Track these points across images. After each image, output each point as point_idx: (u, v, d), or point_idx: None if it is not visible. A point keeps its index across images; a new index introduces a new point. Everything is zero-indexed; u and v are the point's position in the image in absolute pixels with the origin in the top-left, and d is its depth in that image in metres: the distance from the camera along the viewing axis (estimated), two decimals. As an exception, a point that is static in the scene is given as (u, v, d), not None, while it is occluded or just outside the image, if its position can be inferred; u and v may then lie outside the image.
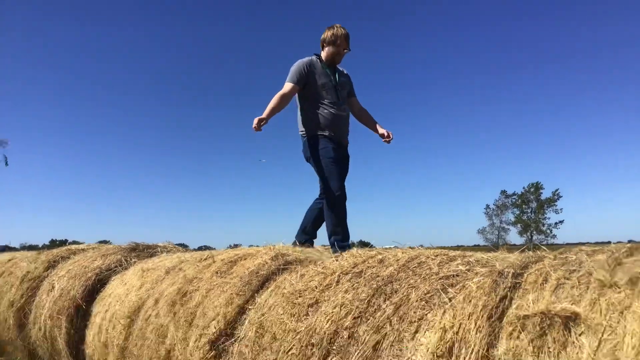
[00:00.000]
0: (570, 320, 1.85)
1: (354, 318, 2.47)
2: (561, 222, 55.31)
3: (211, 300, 3.43)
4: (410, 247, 3.19)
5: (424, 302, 2.31)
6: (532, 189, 56.66)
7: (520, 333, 1.87)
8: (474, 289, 2.19)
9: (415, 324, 2.24)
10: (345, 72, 4.58)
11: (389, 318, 2.33)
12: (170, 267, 4.55)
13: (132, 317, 4.17)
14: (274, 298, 3.05)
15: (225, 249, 4.87)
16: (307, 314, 2.73)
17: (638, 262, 1.99)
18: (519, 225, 56.48)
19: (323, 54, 4.41)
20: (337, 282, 2.81)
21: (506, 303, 2.04)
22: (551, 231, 55.22)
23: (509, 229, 57.56)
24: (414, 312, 2.29)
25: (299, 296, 2.89)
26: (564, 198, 55.91)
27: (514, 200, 57.93)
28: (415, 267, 2.62)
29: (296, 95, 4.39)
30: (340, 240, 4.03)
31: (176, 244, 7.38)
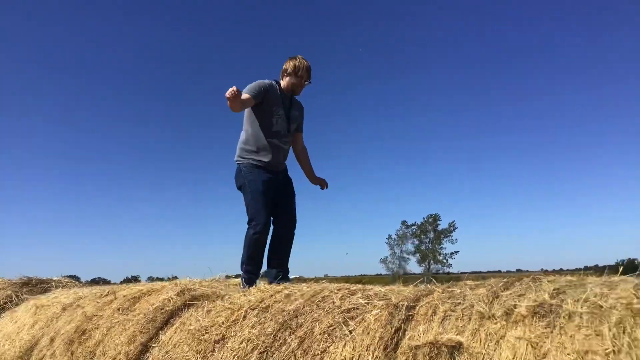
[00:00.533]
0: (455, 349, 2.06)
1: (260, 353, 2.54)
2: (456, 252, 58.52)
3: (112, 338, 3.34)
4: (315, 281, 3.32)
5: (326, 335, 2.44)
6: (430, 220, 59.58)
7: (412, 362, 2.05)
8: (372, 322, 2.36)
9: (318, 356, 2.35)
10: (301, 105, 4.48)
11: (293, 352, 2.44)
12: (67, 304, 4.35)
13: (23, 358, 3.93)
14: (179, 335, 3.04)
15: (121, 281, 4.71)
16: (213, 351, 2.76)
17: (512, 295, 2.26)
18: (417, 255, 59.04)
19: (283, 84, 4.25)
20: (244, 317, 2.87)
21: (400, 334, 2.22)
22: (447, 261, 58.13)
23: (408, 258, 59.92)
24: (318, 345, 2.41)
25: (205, 332, 2.92)
26: (460, 229, 59.43)
27: (413, 230, 60.59)
28: (319, 301, 2.75)
29: (245, 115, 4.22)
30: (250, 271, 3.94)
31: (67, 276, 7.03)
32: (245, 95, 3.89)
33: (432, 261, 58.23)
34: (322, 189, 4.57)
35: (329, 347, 2.37)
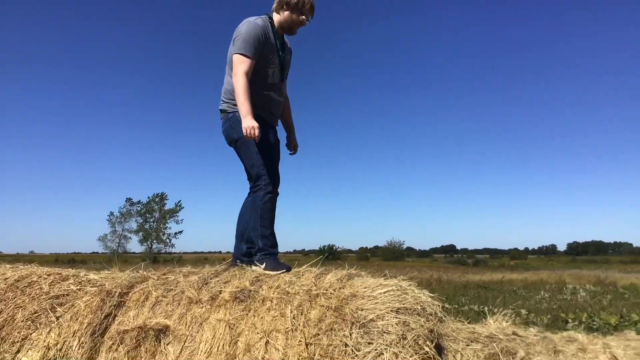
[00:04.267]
0: (161, 332, 2.23)
1: (-55, 343, 2.31)
2: (180, 232, 58.85)
3: None
4: (23, 265, 3.09)
5: (29, 322, 2.35)
6: (157, 199, 58.54)
7: (119, 346, 2.16)
8: (82, 308, 2.37)
9: (18, 344, 2.26)
10: (290, 47, 3.62)
11: (-11, 340, 2.29)
12: None
13: None
14: None
15: None
16: None
17: (220, 282, 2.55)
18: (140, 234, 57.43)
19: (277, 19, 3.36)
20: None
21: (110, 320, 2.29)
22: (170, 240, 57.94)
23: (130, 237, 57.79)
24: (18, 333, 2.31)
25: None
26: (186, 209, 59.88)
27: (138, 208, 58.70)
28: (25, 286, 2.61)
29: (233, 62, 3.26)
30: (275, 245, 3.17)
31: None
32: (247, 63, 3.16)
33: (155, 241, 57.41)
34: (290, 153, 3.80)
35: (31, 334, 2.29)
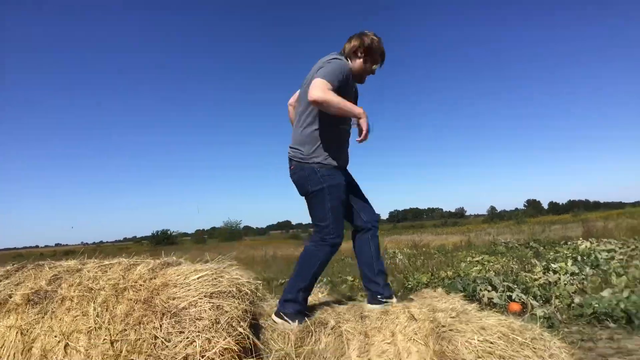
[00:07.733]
0: None
1: None
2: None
3: None
4: None
5: None
6: None
7: None
8: None
9: None
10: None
11: None
12: None
13: None
14: None
15: None
16: None
17: (10, 284, 2.30)
18: None
19: (354, 66, 3.20)
20: None
21: None
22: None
23: None
24: None
25: None
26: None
27: None
28: None
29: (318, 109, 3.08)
30: (306, 298, 3.17)
31: None
32: (329, 87, 2.91)
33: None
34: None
35: None
